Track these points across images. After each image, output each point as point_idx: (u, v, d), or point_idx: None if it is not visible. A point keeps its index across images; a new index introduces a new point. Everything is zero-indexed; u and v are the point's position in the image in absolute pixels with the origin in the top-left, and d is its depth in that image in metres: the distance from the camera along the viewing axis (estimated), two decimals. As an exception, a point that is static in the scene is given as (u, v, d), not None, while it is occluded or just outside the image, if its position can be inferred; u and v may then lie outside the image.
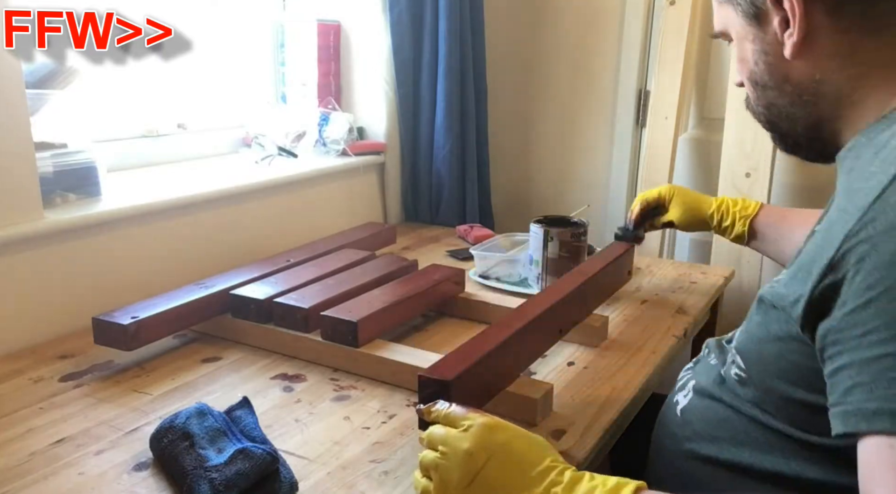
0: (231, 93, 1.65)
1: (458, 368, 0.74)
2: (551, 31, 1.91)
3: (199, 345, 1.04)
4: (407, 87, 1.71)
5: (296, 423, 0.83)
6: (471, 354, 0.78)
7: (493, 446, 0.60)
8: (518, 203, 2.05)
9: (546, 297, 0.97)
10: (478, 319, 1.15)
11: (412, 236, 1.65)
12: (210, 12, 1.56)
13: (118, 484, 0.71)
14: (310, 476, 0.73)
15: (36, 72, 1.12)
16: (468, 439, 0.60)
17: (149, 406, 0.87)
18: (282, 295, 1.05)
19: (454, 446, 0.60)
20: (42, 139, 1.09)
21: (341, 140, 1.62)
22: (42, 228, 1.03)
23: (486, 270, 1.31)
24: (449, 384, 0.71)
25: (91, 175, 1.16)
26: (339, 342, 0.97)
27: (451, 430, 0.62)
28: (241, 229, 1.37)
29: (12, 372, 0.95)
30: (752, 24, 0.68)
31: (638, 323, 1.14)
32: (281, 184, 1.45)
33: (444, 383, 0.71)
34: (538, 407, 0.83)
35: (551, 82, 1.94)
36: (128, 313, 0.96)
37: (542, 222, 1.21)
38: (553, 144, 1.99)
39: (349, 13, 1.71)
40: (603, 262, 1.13)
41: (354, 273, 1.17)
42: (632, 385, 0.94)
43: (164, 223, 1.22)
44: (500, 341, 0.81)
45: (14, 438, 0.79)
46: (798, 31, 0.63)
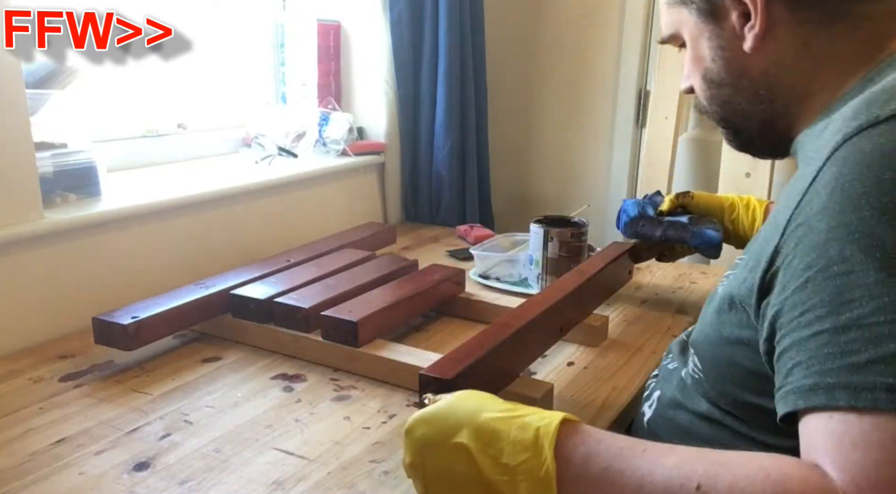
0: (231, 94, 1.65)
1: (458, 366, 0.74)
2: (551, 31, 1.91)
3: (199, 345, 1.04)
4: (407, 87, 1.71)
5: (296, 423, 0.83)
6: (471, 353, 0.78)
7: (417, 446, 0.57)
8: (518, 203, 2.05)
9: (546, 297, 0.97)
10: (478, 319, 1.15)
11: (412, 236, 1.65)
12: (210, 12, 1.56)
13: (118, 484, 0.71)
14: (310, 476, 0.73)
15: (36, 72, 1.12)
16: (404, 452, 0.59)
17: (149, 406, 0.87)
18: (282, 295, 1.05)
19: (404, 466, 0.59)
20: (42, 139, 1.09)
21: (341, 140, 1.62)
22: (42, 228, 1.03)
23: (486, 270, 1.31)
24: (449, 382, 0.71)
25: (91, 175, 1.16)
26: (339, 342, 0.97)
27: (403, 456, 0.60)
28: (241, 229, 1.37)
29: (12, 372, 0.95)
30: (707, 20, 0.68)
31: (638, 323, 1.14)
32: (281, 184, 1.45)
33: (445, 381, 0.71)
34: (538, 407, 0.83)
35: (551, 82, 1.95)
36: (128, 313, 0.96)
37: (542, 222, 1.21)
38: (553, 144, 1.99)
39: (349, 13, 1.71)
40: (603, 262, 1.13)
41: (354, 273, 1.17)
42: (632, 385, 0.94)
43: (164, 223, 1.22)
44: (501, 340, 0.82)
45: (14, 438, 0.79)
46: (760, 23, 0.63)
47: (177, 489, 0.70)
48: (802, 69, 0.64)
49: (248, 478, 0.72)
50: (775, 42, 0.64)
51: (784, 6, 0.62)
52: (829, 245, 0.48)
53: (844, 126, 0.52)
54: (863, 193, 0.47)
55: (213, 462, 0.75)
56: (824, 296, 0.48)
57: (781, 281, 0.52)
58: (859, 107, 0.53)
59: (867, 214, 0.47)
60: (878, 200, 0.47)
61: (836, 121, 0.55)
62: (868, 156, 0.48)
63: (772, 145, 0.72)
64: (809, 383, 0.47)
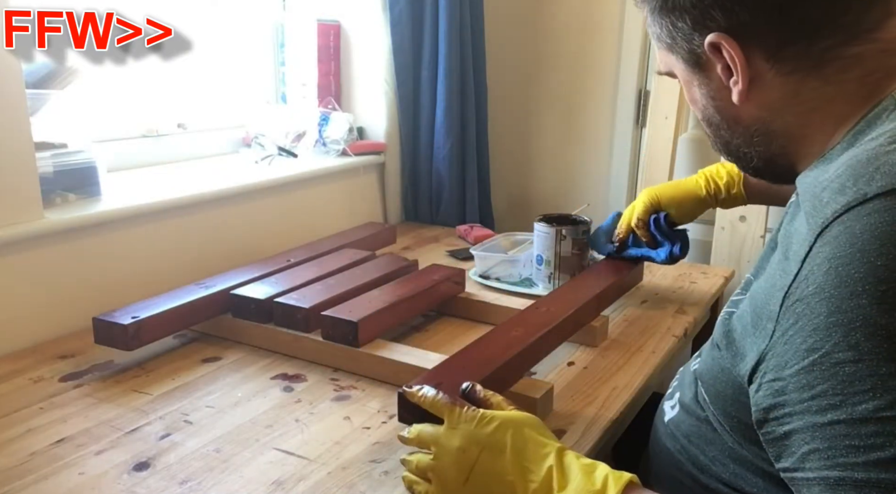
0: (231, 93, 1.65)
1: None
2: (551, 31, 1.91)
3: (199, 345, 1.04)
4: (407, 87, 1.71)
5: (296, 423, 0.83)
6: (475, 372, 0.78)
7: (483, 438, 0.61)
8: (518, 203, 2.05)
9: (564, 305, 1.00)
10: (478, 319, 1.15)
11: (412, 236, 1.65)
12: (210, 12, 1.56)
13: (118, 484, 0.71)
14: (310, 476, 0.73)
15: (36, 72, 1.12)
16: (458, 435, 0.61)
17: (149, 406, 0.87)
18: (282, 294, 1.05)
19: (445, 444, 0.62)
20: (42, 139, 1.09)
21: (341, 140, 1.62)
22: (42, 228, 1.03)
23: (486, 270, 1.31)
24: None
25: (91, 175, 1.16)
26: (339, 342, 0.97)
27: (439, 429, 0.63)
28: (241, 229, 1.37)
29: (12, 372, 0.95)
30: (695, 70, 0.67)
31: (638, 323, 1.14)
32: (281, 184, 1.45)
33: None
34: (538, 407, 0.83)
35: (551, 82, 1.94)
36: (128, 313, 0.96)
37: (551, 221, 1.21)
38: (553, 144, 1.99)
39: (349, 13, 1.71)
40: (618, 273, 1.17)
41: (354, 273, 1.17)
42: (632, 385, 0.94)
43: (164, 223, 1.22)
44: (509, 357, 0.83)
45: (14, 438, 0.79)
46: (742, 79, 0.62)
47: (177, 489, 0.70)
48: (796, 113, 0.63)
49: (248, 478, 0.72)
50: (763, 91, 0.63)
51: (765, 61, 0.61)
52: (832, 330, 0.48)
53: (833, 200, 0.51)
54: (859, 280, 0.47)
55: (213, 462, 0.75)
56: (835, 384, 0.47)
57: (781, 353, 0.52)
58: (846, 179, 0.52)
59: (865, 302, 0.46)
60: (874, 288, 0.46)
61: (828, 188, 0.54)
62: (859, 239, 0.48)
63: (777, 175, 0.71)
64: (835, 476, 0.47)
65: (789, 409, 0.51)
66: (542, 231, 1.21)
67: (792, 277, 0.52)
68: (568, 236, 1.19)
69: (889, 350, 0.45)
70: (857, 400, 0.46)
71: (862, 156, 0.53)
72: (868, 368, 0.46)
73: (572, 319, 0.99)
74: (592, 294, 1.06)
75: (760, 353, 0.54)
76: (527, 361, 0.90)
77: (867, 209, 0.48)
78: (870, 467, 0.45)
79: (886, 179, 0.49)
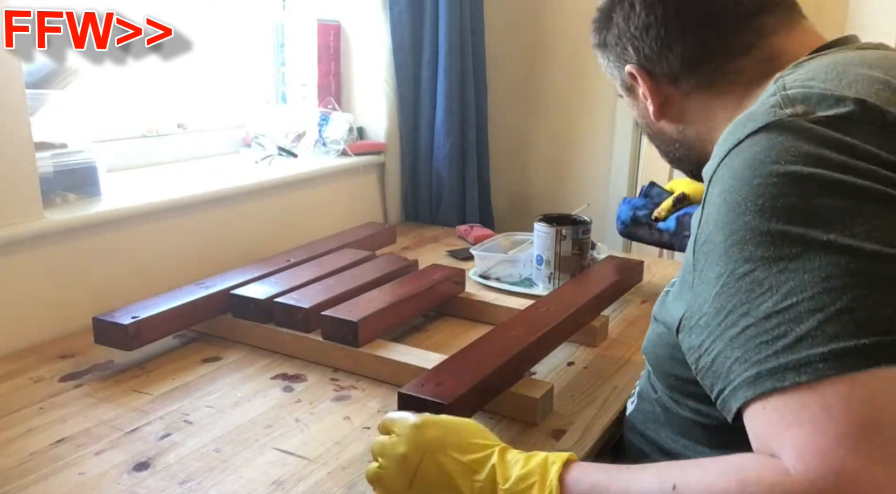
0: (231, 93, 1.65)
1: (458, 390, 0.75)
2: (551, 31, 1.91)
3: (199, 345, 1.04)
4: (407, 87, 1.71)
5: (296, 423, 0.83)
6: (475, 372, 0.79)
7: (425, 443, 0.63)
8: (518, 203, 2.05)
9: (564, 305, 1.00)
10: (478, 319, 1.15)
11: (412, 236, 1.65)
12: (210, 12, 1.56)
13: (118, 484, 0.71)
14: (310, 476, 0.73)
15: (36, 72, 1.12)
16: (401, 442, 0.64)
17: (149, 406, 0.87)
18: (282, 294, 1.05)
19: (390, 453, 0.64)
20: (42, 139, 1.09)
21: (341, 140, 1.62)
22: (42, 228, 1.03)
23: (486, 270, 1.31)
24: (447, 407, 0.72)
25: (91, 175, 1.16)
26: (339, 342, 0.97)
27: (385, 439, 0.66)
28: (241, 229, 1.37)
29: (12, 372, 0.95)
30: (628, 94, 0.83)
31: (638, 323, 1.14)
32: (281, 184, 1.45)
33: (441, 406, 0.72)
34: (538, 407, 0.83)
35: (551, 82, 1.94)
36: (128, 313, 0.96)
37: (551, 221, 1.21)
38: (553, 144, 1.99)
39: (349, 13, 1.71)
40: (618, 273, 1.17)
41: (354, 273, 1.17)
42: (631, 385, 0.94)
43: (164, 223, 1.22)
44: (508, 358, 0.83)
45: (14, 438, 0.79)
46: (653, 100, 0.77)
47: (177, 489, 0.70)
48: (701, 121, 0.76)
49: (248, 478, 0.72)
50: (672, 108, 0.77)
51: (668, 85, 0.76)
52: (730, 251, 0.53)
53: (718, 152, 0.60)
54: (741, 200, 0.53)
55: (213, 462, 0.75)
56: (741, 296, 0.52)
57: (699, 292, 0.57)
58: (727, 135, 0.60)
59: (750, 218, 0.53)
60: (754, 204, 0.53)
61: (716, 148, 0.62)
62: (738, 170, 0.55)
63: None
64: (753, 373, 0.49)
65: (712, 337, 0.54)
66: (542, 231, 1.21)
67: (697, 225, 0.59)
68: (568, 236, 1.19)
69: (776, 251, 0.51)
70: (758, 302, 0.50)
71: (739, 118, 0.61)
72: (763, 272, 0.51)
73: (572, 319, 0.99)
74: (592, 294, 1.06)
75: (688, 304, 0.59)
76: (527, 361, 0.90)
77: (741, 147, 0.56)
78: (779, 354, 0.48)
79: (755, 125, 0.56)
